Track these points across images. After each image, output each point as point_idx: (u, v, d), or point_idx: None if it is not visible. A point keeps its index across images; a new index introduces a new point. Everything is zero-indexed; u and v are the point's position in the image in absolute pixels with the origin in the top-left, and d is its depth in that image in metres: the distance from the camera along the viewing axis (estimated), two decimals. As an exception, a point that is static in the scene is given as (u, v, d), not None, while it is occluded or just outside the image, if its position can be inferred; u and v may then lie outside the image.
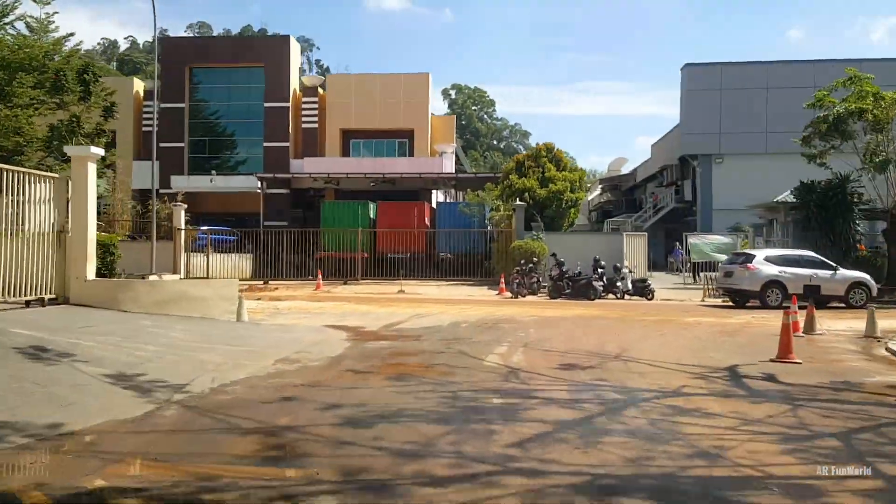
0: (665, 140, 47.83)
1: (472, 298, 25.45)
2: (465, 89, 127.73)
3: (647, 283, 26.19)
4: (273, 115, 44.89)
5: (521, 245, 28.96)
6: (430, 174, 40.27)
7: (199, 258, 31.96)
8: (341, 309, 20.18)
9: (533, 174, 31.78)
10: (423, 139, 45.50)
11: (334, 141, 45.88)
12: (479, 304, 22.48)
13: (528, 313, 19.35)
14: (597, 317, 18.98)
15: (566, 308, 21.60)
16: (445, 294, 27.35)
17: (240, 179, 43.43)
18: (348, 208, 36.66)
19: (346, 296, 25.77)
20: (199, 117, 46.22)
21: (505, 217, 31.46)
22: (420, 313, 18.98)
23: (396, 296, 26.35)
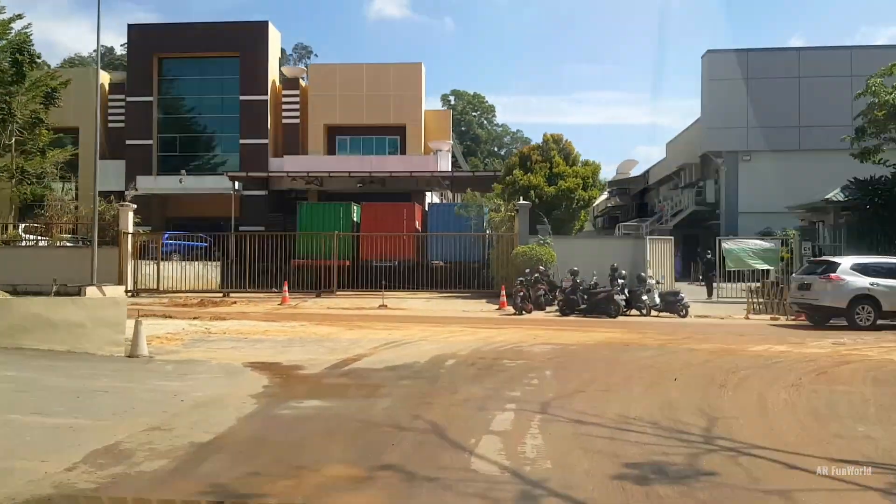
0: (683, 137, 42.76)
1: (466, 316, 20.47)
2: (464, 95, 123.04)
3: (680, 296, 21.19)
4: (249, 110, 39.99)
5: (525, 251, 24.02)
6: (422, 172, 35.32)
7: (156, 267, 27.02)
8: (293, 333, 15.18)
9: (540, 170, 26.86)
10: (416, 136, 40.58)
11: (318, 138, 40.98)
12: (474, 325, 17.50)
13: (537, 339, 14.36)
14: (629, 344, 14.01)
15: (585, 329, 16.60)
16: (435, 310, 22.37)
17: (212, 180, 38.48)
18: (328, 210, 31.71)
19: (313, 313, 20.77)
20: (170, 112, 41.33)
21: (506, 219, 26.52)
22: (395, 340, 14.00)
23: (376, 312, 21.38)
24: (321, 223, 30.61)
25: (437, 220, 31.21)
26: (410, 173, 35.01)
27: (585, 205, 26.73)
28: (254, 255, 26.87)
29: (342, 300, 24.99)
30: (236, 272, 27.70)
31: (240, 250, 27.70)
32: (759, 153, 36.28)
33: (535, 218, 25.84)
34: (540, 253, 23.92)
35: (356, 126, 41.27)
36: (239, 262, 27.72)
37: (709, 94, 37.20)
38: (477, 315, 20.87)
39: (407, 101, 40.54)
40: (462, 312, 21.64)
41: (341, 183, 37.63)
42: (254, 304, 23.91)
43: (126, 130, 40.76)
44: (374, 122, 40.75)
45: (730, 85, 36.61)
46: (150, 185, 39.14)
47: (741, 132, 36.30)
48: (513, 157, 28.19)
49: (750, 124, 36.14)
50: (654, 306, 21.42)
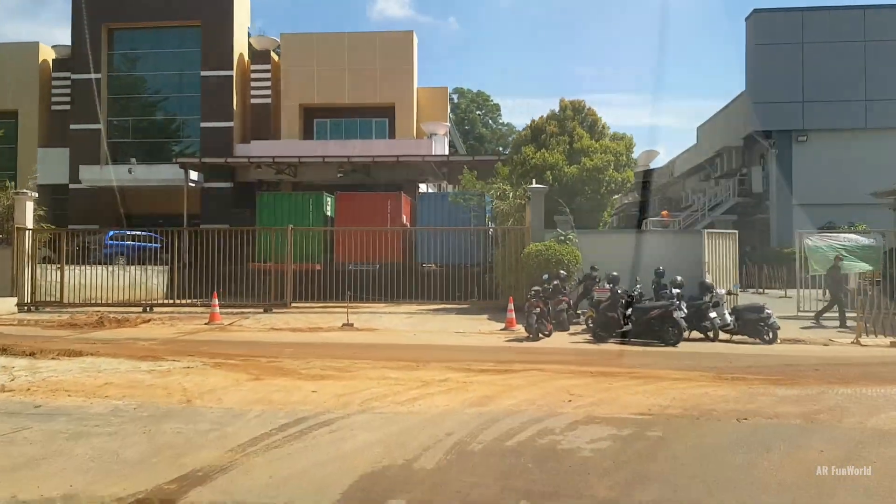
0: (721, 118, 35.79)
1: (458, 343, 13.83)
2: (467, 93, 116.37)
3: (766, 312, 14.45)
4: (212, 87, 33.44)
5: (539, 250, 17.43)
6: (410, 157, 28.69)
7: (85, 271, 20.42)
8: (145, 395, 8.56)
9: (557, 145, 20.21)
10: (408, 117, 33.94)
11: (293, 121, 34.38)
12: (468, 362, 10.88)
13: (576, 402, 7.80)
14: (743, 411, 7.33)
15: (645, 373, 9.94)
16: (418, 331, 15.78)
17: (168, 170, 31.90)
18: (294, 201, 25.22)
19: (235, 340, 14.18)
20: (121, 92, 34.80)
21: (515, 209, 19.87)
22: (314, 413, 7.41)
23: (331, 337, 14.78)
24: (286, 217, 24.12)
25: (430, 212, 24.62)
26: (397, 158, 28.40)
27: (617, 189, 20.06)
28: (211, 256, 20.21)
29: (297, 316, 18.43)
30: (189, 278, 21.07)
31: (194, 251, 21.10)
32: (818, 133, 29.57)
33: (553, 207, 19.24)
34: (560, 252, 17.33)
35: (337, 106, 34.64)
36: (192, 265, 21.13)
37: (755, 62, 30.47)
38: (474, 341, 14.23)
39: (396, 76, 33.89)
40: (454, 336, 15.03)
41: (319, 172, 31.12)
42: (172, 323, 17.35)
43: (70, 113, 34.23)
44: (358, 101, 34.13)
45: (781, 52, 29.90)
46: (96, 176, 32.63)
47: (795, 108, 29.59)
48: (522, 131, 21.49)
49: (806, 98, 29.42)
50: (726, 326, 14.77)
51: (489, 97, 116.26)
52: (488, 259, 21.62)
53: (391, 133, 34.20)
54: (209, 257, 20.00)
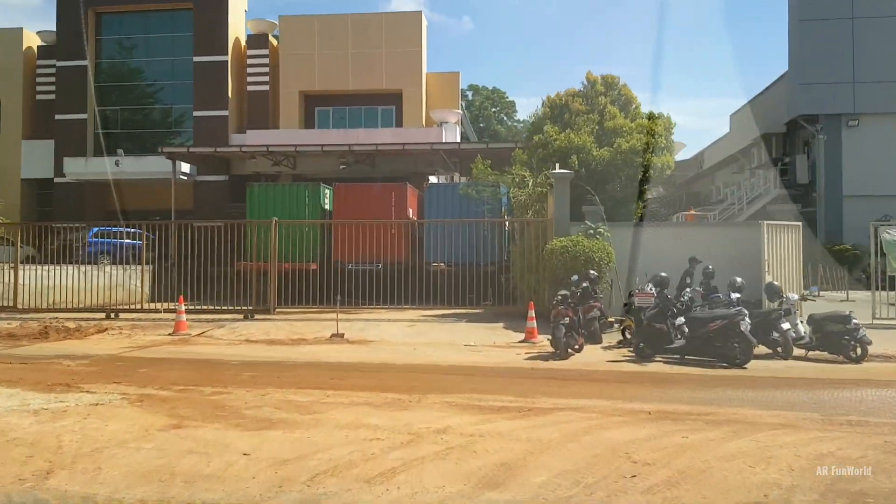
0: (759, 104, 32.41)
1: (467, 362, 10.91)
2: (482, 90, 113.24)
3: (853, 323, 11.45)
4: (205, 74, 30.75)
5: (565, 246, 14.49)
6: (417, 145, 25.83)
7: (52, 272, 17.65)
8: None
9: (584, 124, 17.23)
10: (416, 105, 31.08)
11: (292, 109, 31.63)
12: (478, 392, 8.07)
13: (651, 476, 4.91)
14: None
15: (723, 413, 6.98)
16: (419, 344, 12.95)
17: (155, 162, 29.18)
18: (288, 193, 22.48)
19: (189, 357, 11.37)
20: (109, 79, 32.18)
21: (535, 198, 16.91)
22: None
23: (313, 352, 11.94)
24: (279, 211, 21.33)
25: (438, 205, 21.74)
26: (402, 146, 25.54)
27: (655, 177, 17.06)
28: (199, 255, 17.33)
29: (281, 324, 15.60)
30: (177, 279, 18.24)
31: (181, 250, 18.33)
32: (870, 116, 26.43)
33: (580, 196, 16.32)
34: (589, 249, 14.37)
35: (340, 94, 31.85)
36: (179, 265, 18.35)
37: (799, 40, 27.32)
38: (488, 359, 11.32)
39: (404, 60, 31.04)
40: (462, 351, 12.16)
41: (319, 164, 28.37)
42: (132, 333, 14.61)
43: (56, 102, 31.66)
44: (363, 88, 31.32)
45: (828, 28, 26.75)
46: (81, 169, 30.06)
47: (844, 89, 26.44)
48: (543, 108, 18.52)
49: (857, 79, 26.25)
50: (800, 340, 11.80)
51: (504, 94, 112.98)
52: (504, 257, 18.73)
53: (398, 122, 31.36)
54: (197, 256, 17.19)
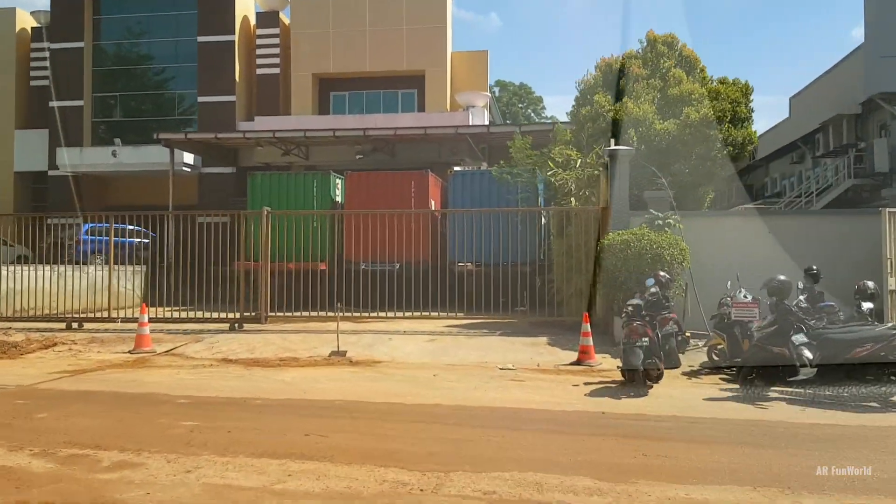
0: (826, 83, 28.52)
1: (507, 404, 7.62)
2: (509, 86, 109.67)
3: None
4: (210, 55, 27.88)
5: (627, 241, 11.32)
6: (441, 129, 22.64)
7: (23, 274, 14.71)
8: None
9: (644, 91, 13.89)
10: (440, 87, 27.89)
11: (305, 94, 28.62)
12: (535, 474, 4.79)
13: None
14: None
15: None
16: (442, 366, 9.85)
17: (155, 152, 26.32)
18: (294, 182, 19.51)
19: (127, 391, 8.26)
20: (107, 63, 29.42)
21: (585, 182, 13.58)
22: None
23: (300, 381, 8.81)
24: (284, 203, 18.54)
25: (465, 195, 18.59)
26: (424, 130, 22.36)
27: (738, 153, 13.63)
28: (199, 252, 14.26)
29: (273, 336, 12.52)
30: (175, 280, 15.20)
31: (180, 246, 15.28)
32: (963, 93, 22.67)
33: (638, 179, 13.03)
34: (658, 244, 11.11)
35: (357, 76, 28.74)
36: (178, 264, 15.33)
37: (877, 9, 23.65)
38: (534, 396, 8.09)
39: (426, 38, 27.85)
40: (498, 380, 8.96)
41: (334, 153, 25.42)
42: (84, 348, 11.68)
43: (50, 89, 28.96)
44: (382, 69, 28.18)
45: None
46: (75, 161, 27.25)
47: (932, 62, 22.73)
48: (593, 74, 15.15)
49: (948, 49, 22.58)
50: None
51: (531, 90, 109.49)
52: (540, 256, 15.50)
53: (420, 107, 28.17)
54: (197, 253, 14.17)
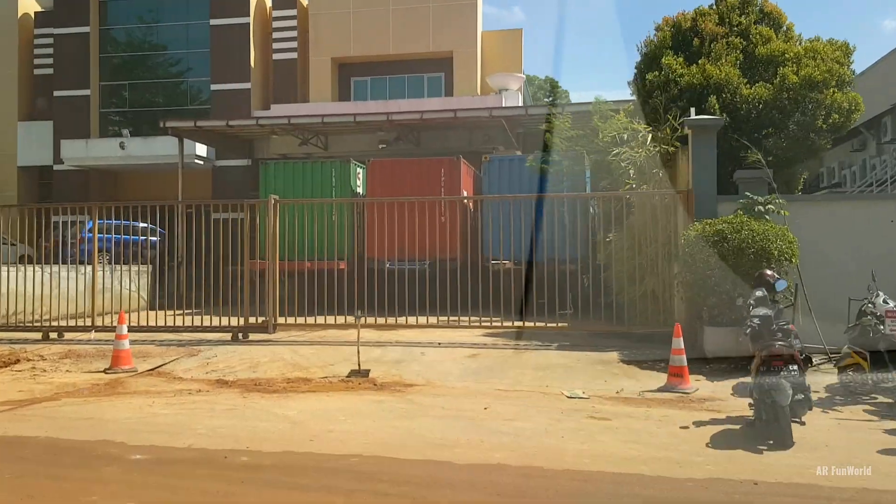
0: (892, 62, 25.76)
1: (599, 460, 5.22)
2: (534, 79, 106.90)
3: None
4: (224, 39, 25.79)
5: (721, 231, 8.93)
6: (473, 111, 20.32)
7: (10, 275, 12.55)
8: None
9: (724, 51, 11.41)
10: (469, 70, 25.53)
11: (324, 79, 26.41)
12: None
13: None
14: None
15: None
16: (491, 393, 7.50)
17: (165, 144, 24.25)
18: (311, 172, 17.43)
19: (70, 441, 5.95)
20: (115, 49, 27.43)
21: (653, 163, 11.12)
22: None
23: (304, 415, 6.48)
24: (298, 194, 16.33)
25: (502, 185, 16.29)
26: (454, 113, 20.04)
27: (840, 124, 11.13)
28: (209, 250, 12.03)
29: (281, 349, 10.29)
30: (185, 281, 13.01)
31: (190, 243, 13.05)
32: None
33: (727, 155, 10.57)
34: (763, 235, 8.75)
35: (379, 60, 26.44)
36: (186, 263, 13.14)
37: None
38: (628, 441, 5.72)
39: (454, 17, 25.51)
40: (570, 417, 6.58)
41: (355, 143, 23.22)
42: (52, 367, 9.57)
43: (55, 77, 27.05)
44: (406, 52, 25.87)
45: None
46: (80, 154, 25.28)
47: None
48: (658, 34, 12.69)
49: None
50: None
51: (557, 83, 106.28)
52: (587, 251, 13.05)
53: (448, 91, 25.83)
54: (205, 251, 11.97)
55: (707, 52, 11.60)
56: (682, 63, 11.51)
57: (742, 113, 10.93)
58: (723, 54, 11.40)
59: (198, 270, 12.19)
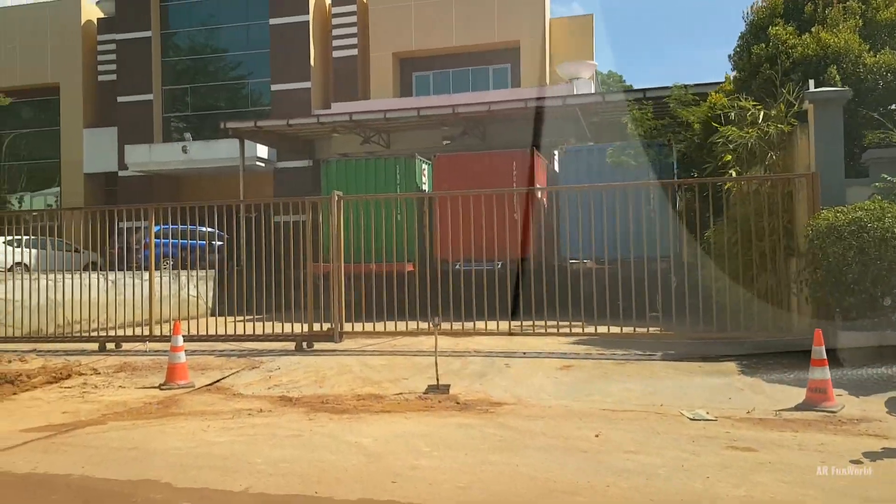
0: None
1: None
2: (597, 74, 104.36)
3: None
4: (283, 39, 25.23)
5: (859, 220, 7.50)
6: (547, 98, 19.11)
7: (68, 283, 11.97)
8: None
9: (841, 19, 9.95)
10: (537, 59, 24.30)
11: (385, 75, 25.59)
12: None
13: None
14: None
15: None
16: (598, 415, 6.29)
17: (227, 147, 23.78)
18: (375, 169, 16.65)
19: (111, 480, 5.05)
20: (176, 53, 27.21)
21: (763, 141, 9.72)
22: None
23: (360, 466, 5.41)
24: (361, 192, 15.41)
25: (580, 176, 15.10)
26: (525, 103, 18.89)
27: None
28: (271, 253, 11.22)
29: (349, 360, 9.34)
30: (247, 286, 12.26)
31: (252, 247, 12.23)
32: None
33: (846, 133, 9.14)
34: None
35: (442, 53, 25.47)
36: (249, 267, 12.39)
37: None
38: (788, 481, 4.49)
39: (521, 4, 24.31)
40: (703, 447, 5.34)
41: (418, 139, 22.32)
42: (104, 383, 8.82)
43: (118, 83, 26.98)
44: (470, 43, 24.80)
45: None
46: (143, 159, 25.07)
47: None
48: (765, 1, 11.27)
49: None
50: None
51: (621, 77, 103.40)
52: (676, 248, 11.67)
53: (515, 82, 24.64)
54: (272, 253, 11.15)
55: (821, 18, 10.15)
56: (792, 32, 10.09)
57: (866, 84, 9.46)
58: (839, 21, 9.94)
59: (258, 275, 11.36)
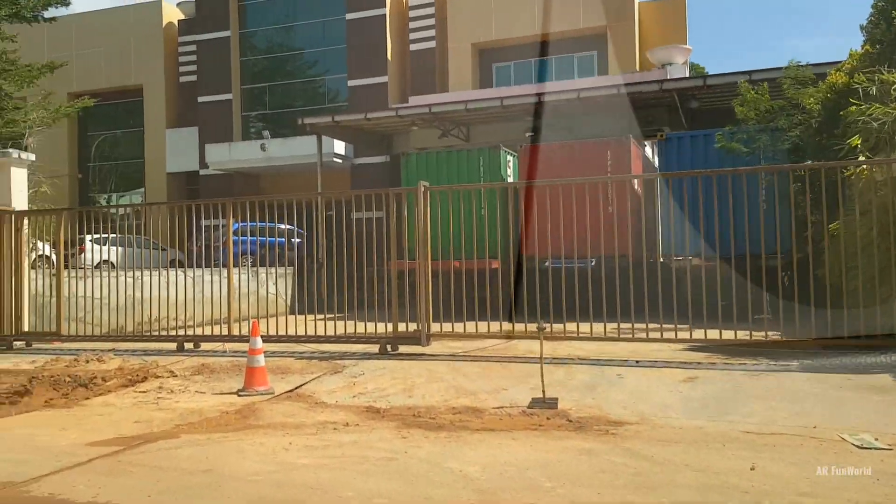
0: None
1: None
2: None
3: None
4: (360, 33, 24.74)
5: None
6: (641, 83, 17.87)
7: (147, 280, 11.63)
8: None
9: None
10: (626, 45, 22.97)
11: (464, 66, 24.77)
12: None
13: None
14: None
15: None
16: (743, 439, 5.15)
17: (304, 144, 23.45)
18: (457, 161, 15.94)
19: None
20: (254, 52, 27.09)
21: None
22: None
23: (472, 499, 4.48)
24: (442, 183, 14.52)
25: (681, 166, 13.92)
26: (617, 89, 17.71)
27: None
28: (354, 249, 10.58)
29: (438, 366, 8.50)
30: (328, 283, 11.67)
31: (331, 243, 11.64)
32: None
33: None
34: None
35: (523, 42, 24.42)
36: (331, 263, 11.80)
37: None
38: None
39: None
40: (894, 496, 4.20)
41: (500, 132, 21.41)
42: (181, 387, 8.21)
43: (198, 83, 27.10)
44: (553, 30, 23.68)
45: None
46: (223, 158, 25.04)
47: None
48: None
49: None
50: None
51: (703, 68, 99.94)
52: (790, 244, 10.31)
53: (602, 70, 23.42)
54: (354, 250, 10.49)
55: None
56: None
57: None
58: None
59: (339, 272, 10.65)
